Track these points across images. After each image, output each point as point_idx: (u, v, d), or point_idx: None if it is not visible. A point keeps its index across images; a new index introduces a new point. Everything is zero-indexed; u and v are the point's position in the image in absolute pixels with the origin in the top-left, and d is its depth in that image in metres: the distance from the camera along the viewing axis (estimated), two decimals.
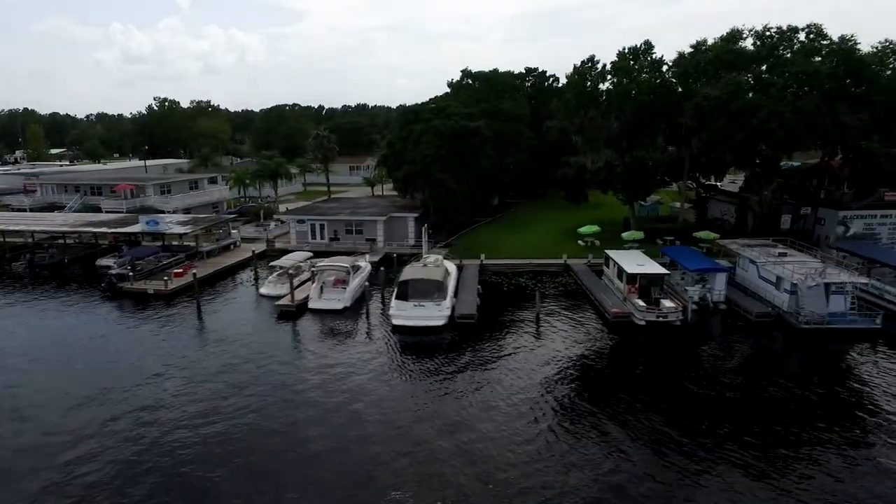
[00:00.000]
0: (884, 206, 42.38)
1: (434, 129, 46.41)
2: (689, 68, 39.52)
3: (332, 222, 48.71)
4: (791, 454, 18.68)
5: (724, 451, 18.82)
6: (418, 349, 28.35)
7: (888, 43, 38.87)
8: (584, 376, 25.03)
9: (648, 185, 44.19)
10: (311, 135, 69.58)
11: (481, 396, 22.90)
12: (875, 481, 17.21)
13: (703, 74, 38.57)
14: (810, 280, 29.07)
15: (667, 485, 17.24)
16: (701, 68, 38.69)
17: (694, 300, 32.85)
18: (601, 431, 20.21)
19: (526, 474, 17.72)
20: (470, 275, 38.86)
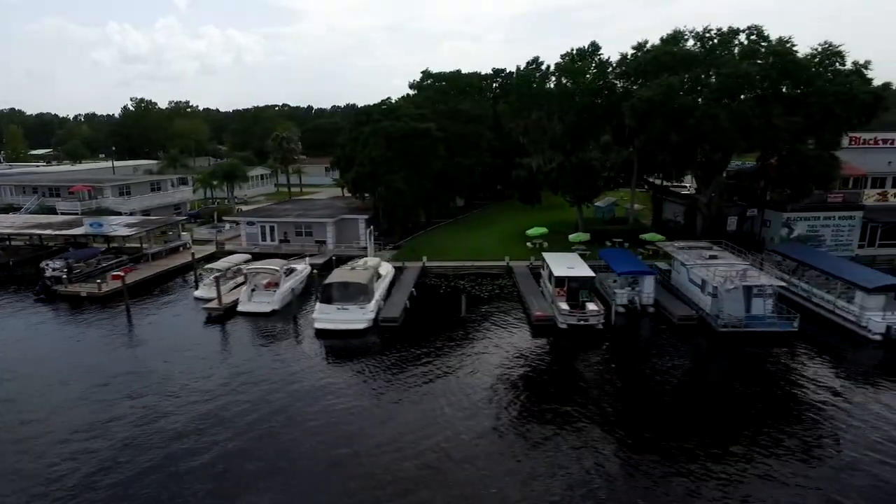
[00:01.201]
0: (827, 208, 42.37)
1: (382, 131, 46.23)
2: (629, 70, 39.42)
3: (282, 224, 48.53)
4: (686, 455, 18.60)
5: (629, 454, 18.82)
6: (336, 353, 28.24)
7: (827, 45, 38.77)
8: (498, 380, 24.77)
9: (594, 186, 44.05)
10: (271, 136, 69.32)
11: (382, 403, 22.75)
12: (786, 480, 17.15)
13: (643, 76, 38.45)
14: (729, 283, 28.97)
15: (585, 485, 17.23)
16: (640, 70, 38.58)
17: (622, 303, 32.87)
18: (511, 436, 20.13)
19: (433, 484, 17.59)
20: (408, 277, 38.72)
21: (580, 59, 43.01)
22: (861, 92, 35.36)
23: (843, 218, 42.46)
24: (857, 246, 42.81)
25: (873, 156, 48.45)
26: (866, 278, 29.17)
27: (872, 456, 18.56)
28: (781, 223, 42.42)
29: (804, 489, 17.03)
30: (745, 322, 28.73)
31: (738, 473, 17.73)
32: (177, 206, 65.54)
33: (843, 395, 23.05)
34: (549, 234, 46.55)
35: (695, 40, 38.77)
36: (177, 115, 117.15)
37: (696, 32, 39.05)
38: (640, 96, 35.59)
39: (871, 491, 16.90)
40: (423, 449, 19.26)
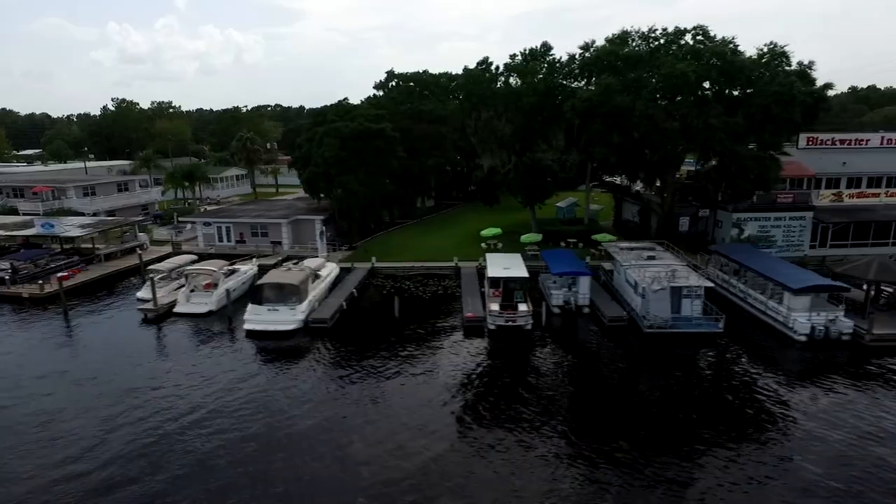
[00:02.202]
0: (778, 209, 42.34)
1: (335, 131, 46.17)
2: (573, 70, 39.39)
3: (238, 225, 48.48)
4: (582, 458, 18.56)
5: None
6: (259, 355, 28.09)
7: (773, 46, 38.74)
8: (416, 381, 24.71)
9: (545, 187, 43.98)
10: (235, 137, 69.28)
11: (290, 406, 22.69)
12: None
13: (588, 76, 38.42)
14: (656, 284, 28.92)
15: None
16: (585, 70, 38.54)
17: (558, 303, 32.84)
18: (426, 437, 20.06)
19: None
20: (353, 279, 38.62)
21: (532, 60, 42.96)
22: (801, 93, 35.30)
23: (793, 219, 42.46)
24: (808, 246, 42.80)
25: (830, 156, 48.50)
26: (794, 279, 29.10)
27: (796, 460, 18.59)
28: (732, 224, 42.41)
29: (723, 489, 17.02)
30: (670, 323, 28.66)
31: (649, 472, 17.72)
32: (144, 207, 65.46)
33: (759, 395, 23.04)
34: (503, 234, 46.49)
35: (640, 40, 38.68)
36: (159, 115, 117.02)
37: (642, 33, 38.99)
38: (580, 97, 35.53)
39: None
40: (321, 453, 19.25)
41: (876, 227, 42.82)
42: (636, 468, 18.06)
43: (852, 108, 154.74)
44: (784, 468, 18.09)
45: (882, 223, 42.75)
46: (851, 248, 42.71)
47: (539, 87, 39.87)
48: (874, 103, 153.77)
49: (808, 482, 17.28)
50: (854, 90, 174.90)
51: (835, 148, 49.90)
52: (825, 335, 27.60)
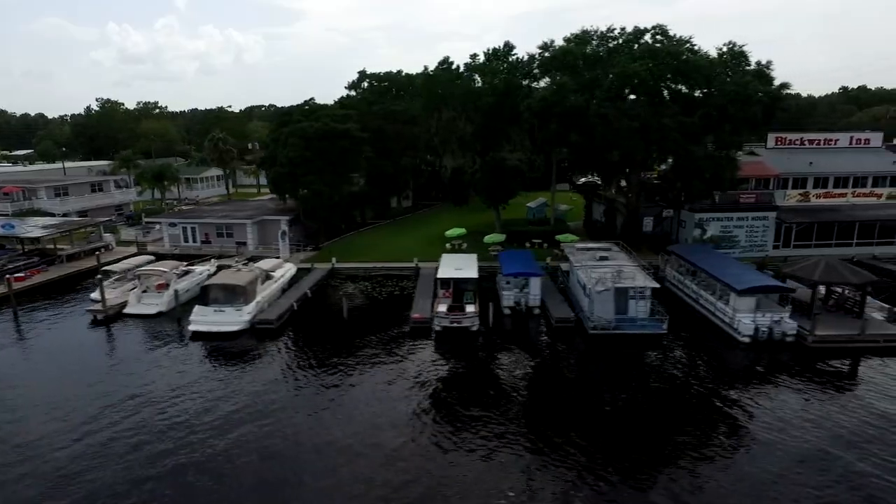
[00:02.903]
0: (740, 209, 42.17)
1: (300, 131, 45.97)
2: (531, 69, 39.19)
3: (203, 225, 48.32)
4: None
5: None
6: (200, 356, 27.85)
7: (731, 45, 38.56)
8: (352, 384, 24.51)
9: (508, 187, 43.77)
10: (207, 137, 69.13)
11: (216, 408, 22.50)
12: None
13: (546, 76, 38.24)
14: (600, 285, 28.73)
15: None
16: (543, 70, 38.35)
17: (509, 304, 32.65)
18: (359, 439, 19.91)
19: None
20: (310, 279, 38.44)
21: (495, 59, 42.78)
22: (757, 92, 35.11)
23: (756, 219, 42.32)
24: (771, 247, 42.65)
25: (799, 156, 48.37)
26: (740, 280, 28.91)
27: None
28: (694, 224, 42.24)
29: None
30: (614, 324, 28.48)
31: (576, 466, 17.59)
32: (119, 207, 65.34)
33: (694, 397, 22.90)
34: (468, 235, 46.30)
35: (599, 40, 38.48)
36: (145, 115, 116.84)
37: (601, 32, 38.80)
38: (536, 97, 35.36)
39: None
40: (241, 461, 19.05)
41: (839, 228, 42.64)
42: (570, 470, 17.91)
43: (842, 108, 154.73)
44: (723, 470, 17.92)
45: (845, 223, 42.57)
46: (815, 249, 42.47)
47: (499, 87, 39.68)
48: (864, 103, 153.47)
49: (742, 483, 17.13)
50: (845, 90, 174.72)
51: (803, 148, 49.78)
52: (769, 336, 27.42)
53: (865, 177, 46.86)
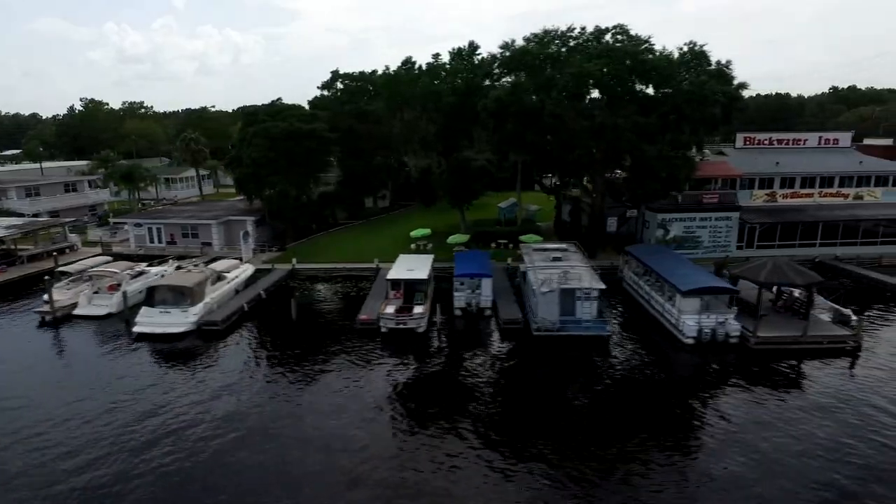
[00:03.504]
0: (703, 209, 42.01)
1: (264, 131, 45.75)
2: (492, 70, 38.98)
3: (169, 226, 48.07)
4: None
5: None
6: (140, 358, 27.65)
7: (692, 45, 38.37)
8: (288, 385, 24.32)
9: (473, 188, 43.56)
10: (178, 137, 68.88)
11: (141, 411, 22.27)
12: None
13: (505, 76, 38.04)
14: (545, 286, 28.53)
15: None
16: (503, 70, 38.13)
17: (460, 305, 32.45)
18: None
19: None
20: (267, 280, 38.21)
21: (459, 59, 42.57)
22: (713, 92, 34.91)
23: (719, 219, 42.17)
24: (735, 247, 42.48)
25: (768, 156, 48.12)
26: (686, 281, 28.71)
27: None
28: (657, 224, 42.07)
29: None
30: (558, 325, 28.26)
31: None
32: (92, 208, 65.10)
33: (631, 398, 22.74)
34: (433, 235, 46.10)
35: (559, 40, 38.24)
36: (131, 115, 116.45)
37: (560, 32, 38.55)
38: (491, 96, 35.17)
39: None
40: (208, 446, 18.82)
41: (803, 228, 42.48)
42: (493, 472, 17.73)
43: (830, 107, 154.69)
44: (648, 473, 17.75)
45: (809, 224, 42.40)
46: (779, 250, 42.36)
47: (460, 87, 39.46)
48: (853, 103, 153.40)
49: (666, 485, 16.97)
50: (835, 90, 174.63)
51: (772, 148, 49.52)
52: (712, 338, 27.21)
53: (832, 177, 46.54)
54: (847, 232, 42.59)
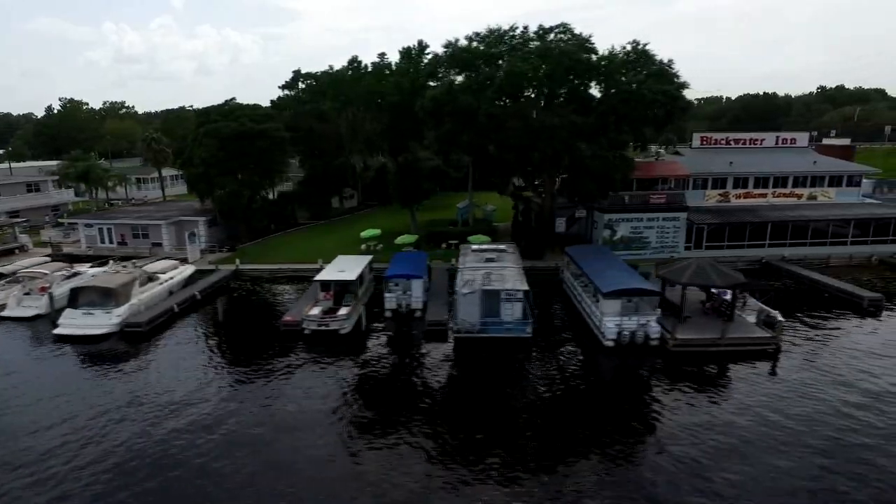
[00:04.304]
0: (650, 210, 41.70)
1: (214, 131, 45.46)
2: (435, 69, 38.63)
3: (119, 226, 47.76)
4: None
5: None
6: (63, 361, 27.33)
7: (635, 43, 38.07)
8: (195, 385, 24.04)
9: (422, 188, 43.25)
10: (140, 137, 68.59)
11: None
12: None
13: (448, 75, 37.70)
14: (466, 287, 28.23)
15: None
16: (445, 69, 37.79)
17: (391, 307, 32.17)
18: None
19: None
20: (207, 281, 37.89)
21: (408, 59, 42.27)
22: (652, 91, 34.64)
23: (667, 219, 41.88)
24: (683, 248, 42.20)
25: (723, 156, 47.90)
26: (609, 282, 28.40)
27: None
28: (604, 225, 41.79)
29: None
30: (478, 327, 27.95)
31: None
32: (55, 208, 64.79)
33: (544, 400, 22.46)
34: (383, 236, 45.77)
35: (500, 39, 37.90)
36: (111, 115, 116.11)
37: (503, 31, 38.22)
38: (427, 96, 34.88)
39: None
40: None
41: (751, 229, 42.20)
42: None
43: (817, 107, 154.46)
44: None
45: (757, 224, 42.11)
46: (728, 250, 42.14)
47: (404, 87, 39.13)
48: (840, 103, 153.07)
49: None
50: (823, 89, 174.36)
51: (729, 148, 49.34)
52: (631, 340, 26.91)
53: (786, 177, 46.37)
54: (796, 232, 42.32)
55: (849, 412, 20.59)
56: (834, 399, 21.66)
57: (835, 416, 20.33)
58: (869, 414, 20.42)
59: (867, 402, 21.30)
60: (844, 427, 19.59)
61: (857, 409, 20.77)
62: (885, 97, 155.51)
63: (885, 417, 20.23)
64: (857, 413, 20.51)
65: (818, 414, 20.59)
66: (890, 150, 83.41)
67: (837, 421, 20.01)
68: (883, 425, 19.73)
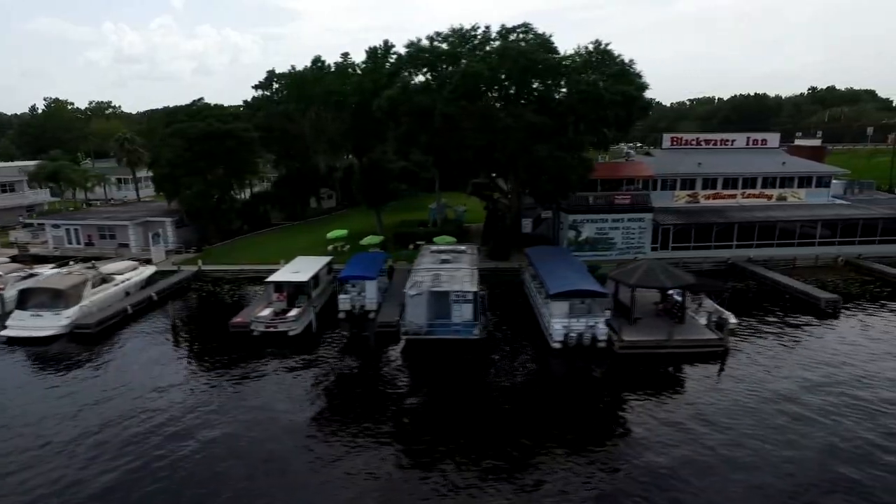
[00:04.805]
0: (616, 210, 41.51)
1: (180, 132, 45.23)
2: (395, 69, 38.42)
3: (86, 227, 47.49)
4: None
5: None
6: (9, 364, 27.11)
7: (597, 43, 37.92)
8: (131, 390, 23.78)
9: (386, 189, 43.03)
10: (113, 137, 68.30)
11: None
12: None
13: (412, 76, 37.49)
14: (414, 289, 28.01)
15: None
16: (406, 68, 37.58)
17: (345, 308, 31.92)
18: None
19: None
20: (166, 283, 37.67)
21: (374, 59, 42.07)
22: (610, 91, 34.44)
23: (632, 220, 41.67)
24: (649, 249, 41.97)
25: (693, 157, 47.73)
26: (557, 283, 28.17)
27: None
28: (569, 225, 41.58)
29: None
30: (425, 329, 27.72)
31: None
32: (30, 208, 64.52)
33: (486, 402, 22.20)
34: (349, 237, 45.55)
35: (457, 38, 37.70)
36: (97, 115, 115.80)
37: (464, 31, 38.02)
38: (385, 95, 34.68)
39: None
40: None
41: (718, 230, 42.01)
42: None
43: (806, 108, 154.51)
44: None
45: (724, 225, 41.93)
46: (694, 251, 41.99)
47: (366, 87, 38.92)
48: (829, 103, 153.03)
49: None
50: (814, 90, 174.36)
51: (700, 148, 49.17)
52: (578, 342, 26.68)
53: (755, 178, 46.22)
54: (763, 233, 42.14)
55: (783, 423, 19.97)
56: (770, 408, 21.08)
57: (768, 429, 19.55)
58: (802, 425, 19.84)
59: (801, 412, 20.69)
60: (776, 439, 19.00)
61: (793, 421, 20.13)
62: (874, 98, 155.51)
63: (815, 427, 19.72)
64: (791, 425, 19.89)
65: (753, 423, 20.02)
66: (873, 150, 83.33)
67: (770, 434, 19.29)
68: (818, 433, 19.28)
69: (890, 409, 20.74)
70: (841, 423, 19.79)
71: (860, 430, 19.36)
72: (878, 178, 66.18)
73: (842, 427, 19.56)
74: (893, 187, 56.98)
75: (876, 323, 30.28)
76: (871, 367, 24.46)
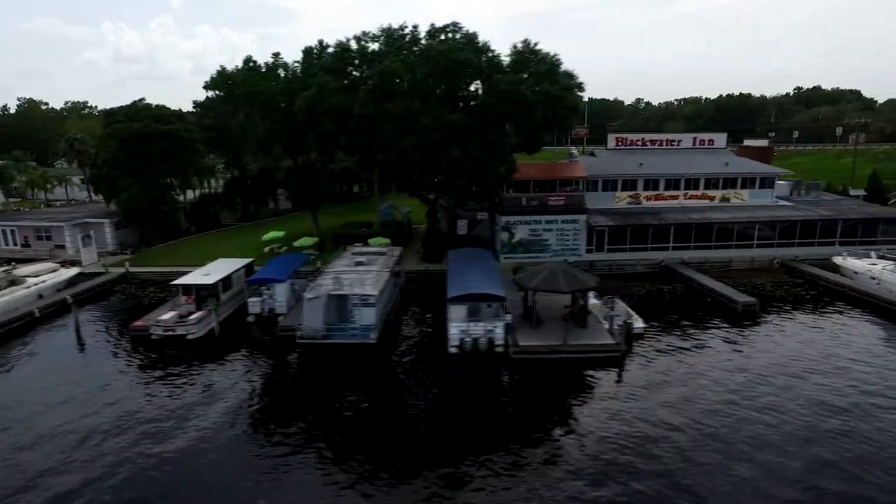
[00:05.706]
0: (549, 212, 41.00)
1: (116, 132, 44.76)
2: (315, 69, 37.84)
3: (22, 228, 47.03)
4: None
5: None
6: None
7: (526, 43, 37.41)
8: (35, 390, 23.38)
9: (321, 191, 42.52)
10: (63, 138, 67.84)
11: None
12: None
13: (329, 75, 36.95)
14: (312, 292, 27.57)
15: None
16: (328, 69, 37.03)
17: (255, 311, 31.50)
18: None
19: None
20: (88, 285, 37.26)
21: (306, 59, 41.53)
22: (533, 92, 33.95)
23: (566, 222, 41.15)
24: (584, 250, 41.48)
25: (637, 157, 47.30)
26: (456, 287, 27.67)
27: None
28: (502, 227, 41.09)
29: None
30: (322, 333, 27.24)
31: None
32: None
33: (369, 409, 21.74)
34: (286, 238, 45.09)
35: (385, 37, 37.22)
36: (73, 115, 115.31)
37: (390, 31, 37.52)
38: (303, 96, 34.21)
39: None
40: None
41: (654, 231, 41.52)
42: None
43: (790, 108, 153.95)
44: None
45: (659, 227, 41.43)
46: (630, 253, 41.51)
47: (296, 87, 38.39)
48: (814, 103, 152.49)
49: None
50: (798, 90, 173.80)
51: (644, 149, 48.74)
52: (473, 346, 26.22)
53: (697, 178, 45.73)
54: (700, 235, 41.63)
55: (663, 434, 19.41)
56: (656, 417, 20.47)
57: (647, 441, 19.00)
58: (680, 435, 19.29)
59: (685, 422, 20.10)
60: (651, 452, 18.38)
61: (672, 430, 19.58)
62: (859, 98, 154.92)
63: (690, 439, 19.16)
64: (670, 433, 19.38)
65: (633, 434, 19.44)
66: (841, 151, 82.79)
67: (647, 445, 18.72)
68: (687, 445, 18.74)
69: (755, 416, 20.28)
70: (713, 431, 19.35)
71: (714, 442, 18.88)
72: (841, 179, 65.79)
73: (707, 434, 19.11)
74: (848, 188, 56.34)
75: (788, 328, 29.79)
76: (765, 372, 23.99)
